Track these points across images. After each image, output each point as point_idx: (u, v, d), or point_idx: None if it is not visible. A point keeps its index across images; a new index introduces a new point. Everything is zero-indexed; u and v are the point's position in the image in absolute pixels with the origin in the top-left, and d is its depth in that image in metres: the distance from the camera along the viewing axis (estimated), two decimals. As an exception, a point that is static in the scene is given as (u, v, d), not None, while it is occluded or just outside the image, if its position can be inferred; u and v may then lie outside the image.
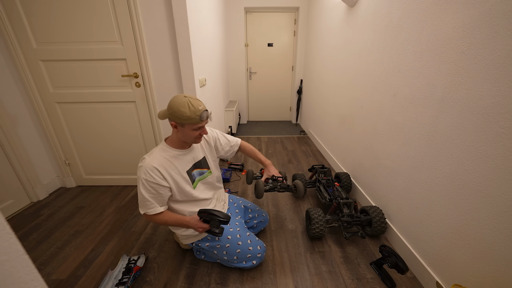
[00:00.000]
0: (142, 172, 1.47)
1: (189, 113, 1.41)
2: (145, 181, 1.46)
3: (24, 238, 2.11)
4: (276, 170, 2.06)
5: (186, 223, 1.58)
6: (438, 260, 1.54)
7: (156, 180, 1.48)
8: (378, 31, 2.16)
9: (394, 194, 1.99)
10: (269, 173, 2.03)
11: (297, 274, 1.76)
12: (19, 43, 2.29)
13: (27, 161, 2.51)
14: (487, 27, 1.17)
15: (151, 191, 1.49)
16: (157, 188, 1.50)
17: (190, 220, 1.57)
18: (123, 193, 2.80)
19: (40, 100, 2.51)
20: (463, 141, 1.32)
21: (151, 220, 1.57)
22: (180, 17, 2.20)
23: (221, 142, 1.95)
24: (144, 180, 1.46)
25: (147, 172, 1.47)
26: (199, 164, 1.78)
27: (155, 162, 1.50)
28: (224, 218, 1.52)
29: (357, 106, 2.63)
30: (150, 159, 1.51)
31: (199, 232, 1.59)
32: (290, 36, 5.31)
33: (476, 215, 1.27)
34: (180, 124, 1.48)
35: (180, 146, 1.64)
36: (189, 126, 1.48)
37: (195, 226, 1.56)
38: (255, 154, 2.06)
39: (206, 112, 1.49)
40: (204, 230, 1.56)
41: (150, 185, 1.48)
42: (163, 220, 1.56)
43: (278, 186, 2.00)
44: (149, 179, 1.47)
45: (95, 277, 1.74)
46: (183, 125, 1.47)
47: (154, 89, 2.50)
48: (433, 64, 1.52)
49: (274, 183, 2.01)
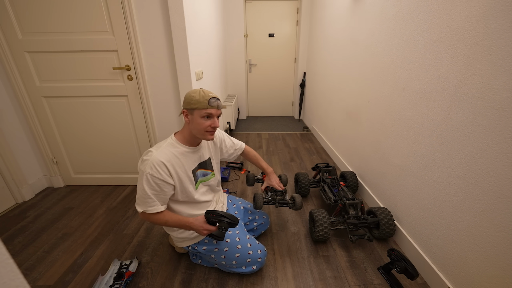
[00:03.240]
0: (148, 166, 1.46)
1: (198, 97, 1.47)
2: (150, 176, 1.45)
3: (9, 242, 2.11)
4: (277, 179, 2.13)
5: (189, 225, 1.56)
6: (450, 264, 1.54)
7: (162, 176, 1.48)
8: (387, 20, 2.15)
9: (403, 194, 1.99)
10: (269, 182, 2.09)
11: (300, 280, 1.76)
12: (3, 33, 2.28)
13: (11, 159, 2.51)
14: (503, 16, 1.16)
15: (155, 187, 1.48)
16: (162, 185, 1.50)
17: (194, 221, 1.56)
18: (115, 193, 2.80)
19: (26, 94, 2.51)
20: (477, 137, 1.32)
21: (148, 219, 1.55)
22: (175, 5, 2.19)
23: (226, 144, 1.98)
24: (150, 175, 1.45)
25: (153, 166, 1.46)
26: (204, 164, 1.79)
27: (163, 157, 1.50)
28: (233, 221, 1.56)
29: (364, 100, 2.63)
30: (158, 153, 1.50)
31: (203, 235, 1.58)
32: (293, 26, 5.30)
33: (491, 217, 1.26)
34: (189, 110, 1.52)
35: (189, 143, 1.65)
36: (198, 112, 1.50)
37: (200, 228, 1.55)
38: (258, 161, 2.12)
39: (215, 99, 1.52)
40: (210, 233, 1.56)
41: (155, 181, 1.47)
42: (163, 220, 1.55)
43: (277, 200, 2.05)
44: (155, 175, 1.46)
45: (84, 283, 1.74)
46: (193, 111, 1.51)
47: (147, 83, 2.49)
48: (445, 56, 1.52)
49: (273, 195, 2.08)
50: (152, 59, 2.42)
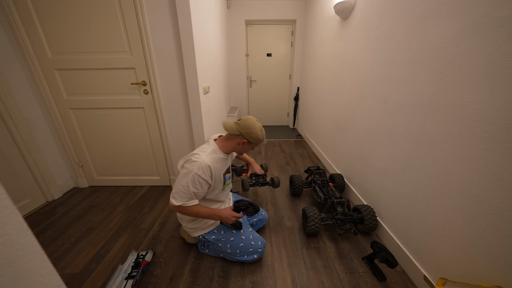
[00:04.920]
0: (196, 167, 1.49)
1: (261, 137, 1.66)
2: (197, 176, 1.49)
3: (40, 235, 2.11)
4: (258, 165, 2.36)
5: (218, 213, 1.64)
6: (426, 255, 1.54)
7: (206, 177, 1.53)
8: (370, 42, 2.17)
9: (384, 193, 1.99)
10: (252, 169, 2.32)
11: (294, 268, 1.76)
12: (35, 53, 2.30)
13: (42, 163, 2.51)
14: (471, 38, 1.18)
15: (197, 186, 1.52)
16: (204, 184, 1.55)
17: (223, 211, 1.66)
18: (132, 193, 2.80)
19: (55, 106, 2.52)
20: (448, 144, 1.33)
21: (182, 211, 1.56)
22: (185, 29, 2.20)
23: None
24: (197, 175, 1.49)
25: (201, 168, 1.50)
26: (229, 169, 1.85)
27: (210, 161, 1.55)
28: (256, 207, 1.79)
29: (350, 111, 2.63)
30: (206, 157, 1.55)
31: (230, 222, 1.67)
32: (288, 47, 5.32)
33: (461, 213, 1.27)
34: (248, 142, 1.66)
35: (226, 152, 1.71)
36: (254, 145, 1.72)
37: (229, 215, 1.65)
38: (244, 156, 2.32)
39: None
40: (237, 219, 1.70)
41: (200, 180, 1.51)
42: (196, 211, 1.57)
43: (259, 181, 2.42)
44: (201, 175, 1.50)
45: (106, 271, 1.74)
46: (250, 143, 1.68)
47: (161, 96, 2.50)
48: (420, 72, 1.53)
49: (256, 179, 2.43)
50: (165, 75, 2.43)
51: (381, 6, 1.97)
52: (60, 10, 2.17)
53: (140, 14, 2.17)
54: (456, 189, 1.29)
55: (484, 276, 1.17)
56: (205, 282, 1.65)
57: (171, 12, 2.19)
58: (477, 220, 1.18)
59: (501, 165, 1.06)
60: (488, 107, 1.11)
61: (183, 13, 2.15)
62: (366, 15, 2.23)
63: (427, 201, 1.51)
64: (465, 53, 1.21)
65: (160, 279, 1.67)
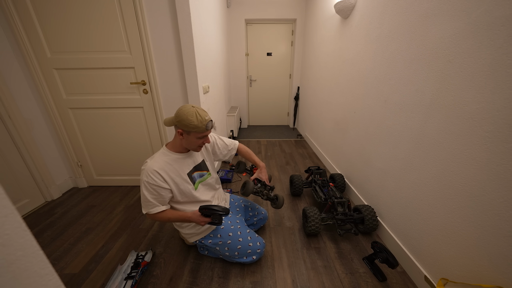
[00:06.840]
0: (144, 175, 1.49)
1: (196, 122, 1.45)
2: (147, 183, 1.48)
3: (39, 235, 2.11)
4: (267, 174, 2.04)
5: (188, 218, 1.59)
6: (426, 255, 1.53)
7: (157, 183, 1.50)
8: (370, 41, 2.17)
9: (385, 193, 1.99)
10: (260, 175, 1.99)
11: (294, 268, 1.76)
12: (34, 52, 2.30)
13: (41, 163, 2.51)
14: (472, 37, 1.18)
15: (153, 192, 1.50)
16: (158, 189, 1.51)
17: (192, 215, 1.59)
18: (132, 193, 2.79)
19: (54, 106, 2.52)
20: (449, 144, 1.33)
21: (153, 218, 1.57)
22: (185, 28, 2.20)
23: (219, 146, 1.94)
24: (146, 182, 1.48)
25: (148, 175, 1.48)
26: (199, 167, 1.79)
27: (156, 166, 1.51)
28: (223, 212, 1.57)
29: (350, 111, 2.64)
30: (152, 162, 1.52)
31: (201, 225, 1.63)
32: (288, 46, 5.32)
33: (462, 213, 1.27)
34: (186, 132, 1.50)
35: (180, 151, 1.65)
36: (195, 134, 1.50)
37: (197, 220, 1.59)
38: (251, 156, 2.05)
39: (211, 122, 1.53)
40: (206, 223, 1.61)
41: (152, 187, 1.49)
42: (166, 217, 1.57)
43: (264, 193, 1.95)
44: (150, 182, 1.48)
45: (105, 271, 1.73)
46: (189, 133, 1.50)
47: (160, 96, 2.50)
48: (421, 72, 1.53)
49: (261, 188, 1.96)
50: (164, 74, 2.43)
51: (381, 5, 1.97)
52: (59, 9, 2.17)
53: (140, 13, 2.17)
54: (457, 189, 1.29)
55: (485, 276, 1.17)
56: (205, 283, 1.65)
57: (170, 11, 2.19)
58: (478, 220, 1.18)
59: (503, 165, 1.06)
60: (489, 107, 1.10)
61: (183, 12, 2.15)
62: (366, 14, 2.23)
63: (428, 201, 1.51)
64: (466, 52, 1.21)
65: (160, 280, 1.67)
